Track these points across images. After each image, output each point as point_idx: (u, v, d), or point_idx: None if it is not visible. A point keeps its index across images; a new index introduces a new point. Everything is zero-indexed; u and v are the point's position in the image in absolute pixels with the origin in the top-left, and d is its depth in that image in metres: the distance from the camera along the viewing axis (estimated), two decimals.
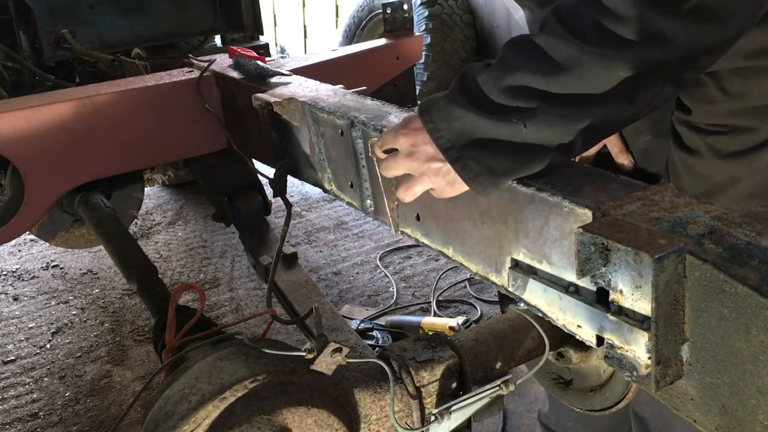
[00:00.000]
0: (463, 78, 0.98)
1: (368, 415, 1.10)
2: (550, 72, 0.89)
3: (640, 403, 1.75)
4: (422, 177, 1.04)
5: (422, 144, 1.01)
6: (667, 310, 0.79)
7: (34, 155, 1.84)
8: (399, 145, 1.05)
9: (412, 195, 1.07)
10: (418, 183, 1.05)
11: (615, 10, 0.86)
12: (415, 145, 1.02)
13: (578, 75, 0.88)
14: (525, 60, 0.92)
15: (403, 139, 1.03)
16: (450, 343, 1.19)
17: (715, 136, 1.21)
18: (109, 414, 2.50)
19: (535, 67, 0.90)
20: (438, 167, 1.00)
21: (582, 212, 0.90)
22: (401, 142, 1.04)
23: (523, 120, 0.91)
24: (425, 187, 1.05)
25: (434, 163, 1.00)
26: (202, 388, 0.99)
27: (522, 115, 0.91)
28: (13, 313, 3.20)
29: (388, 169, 1.08)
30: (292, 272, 1.91)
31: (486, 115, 0.93)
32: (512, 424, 2.35)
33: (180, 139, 2.04)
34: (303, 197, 4.28)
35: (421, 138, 1.01)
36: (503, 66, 0.94)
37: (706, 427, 0.84)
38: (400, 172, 1.07)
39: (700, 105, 1.21)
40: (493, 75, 0.94)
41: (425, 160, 1.01)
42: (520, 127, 0.91)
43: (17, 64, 2.79)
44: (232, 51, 2.08)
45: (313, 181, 1.63)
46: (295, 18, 7.66)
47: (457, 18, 5.48)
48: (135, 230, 3.94)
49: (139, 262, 1.99)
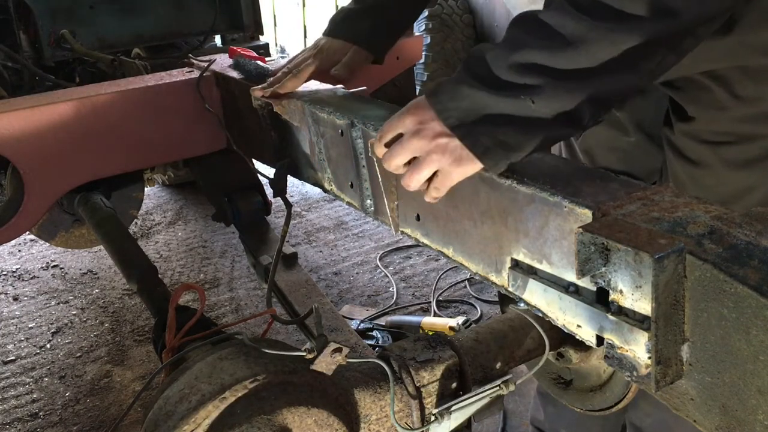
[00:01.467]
0: (470, 58, 0.98)
1: (368, 415, 1.10)
2: (557, 48, 0.89)
3: (638, 414, 1.74)
4: (429, 156, 1.00)
5: (429, 121, 0.99)
6: (667, 310, 0.79)
7: (34, 155, 1.84)
8: (404, 126, 1.02)
9: (418, 180, 1.03)
10: (425, 164, 1.01)
11: None
12: (422, 123, 1.00)
13: (585, 50, 0.87)
14: (531, 37, 0.91)
15: (409, 119, 1.01)
16: (450, 343, 1.19)
17: (725, 146, 1.17)
18: (109, 414, 2.50)
19: (542, 44, 0.90)
20: (445, 143, 0.98)
21: (582, 212, 0.90)
22: (407, 122, 1.02)
23: (531, 96, 0.91)
24: (432, 168, 1.02)
25: (442, 139, 0.98)
26: (202, 388, 0.99)
27: (530, 91, 0.91)
28: (13, 313, 3.20)
29: (392, 156, 1.04)
30: (292, 272, 1.91)
31: (494, 92, 0.93)
32: (512, 424, 2.35)
33: (180, 139, 2.04)
34: (303, 197, 4.28)
35: (428, 115, 0.99)
36: (511, 44, 0.94)
37: (706, 427, 0.84)
38: (406, 155, 1.03)
39: (707, 112, 1.18)
40: (500, 53, 0.94)
41: (432, 137, 0.99)
42: (528, 102, 0.91)
43: (17, 64, 2.79)
44: (232, 51, 2.08)
45: (313, 181, 1.63)
46: (295, 18, 7.65)
47: (457, 18, 5.48)
48: (135, 230, 3.94)
49: (139, 262, 1.99)
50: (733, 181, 1.19)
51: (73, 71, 3.10)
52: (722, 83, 1.14)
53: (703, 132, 1.21)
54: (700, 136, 1.21)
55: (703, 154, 1.21)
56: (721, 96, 1.15)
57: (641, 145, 1.50)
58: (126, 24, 3.16)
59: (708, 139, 1.20)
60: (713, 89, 1.15)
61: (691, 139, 1.23)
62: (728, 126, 1.17)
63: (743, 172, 1.18)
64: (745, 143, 1.16)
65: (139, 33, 3.20)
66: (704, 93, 1.17)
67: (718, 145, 1.18)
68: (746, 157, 1.17)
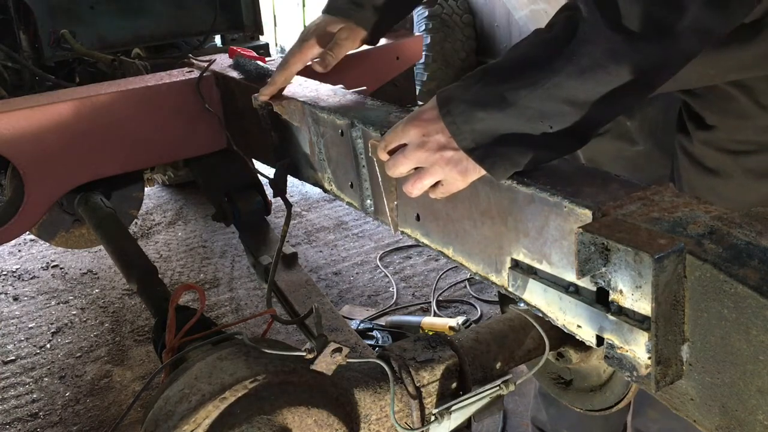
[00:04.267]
0: (485, 77, 0.95)
1: (368, 415, 1.10)
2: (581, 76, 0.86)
3: (644, 420, 1.73)
4: (433, 167, 1.00)
5: (434, 133, 0.98)
6: (667, 310, 0.79)
7: (34, 155, 1.84)
8: (409, 137, 1.02)
9: (420, 188, 1.03)
10: (428, 174, 1.01)
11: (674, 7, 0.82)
12: (426, 135, 0.99)
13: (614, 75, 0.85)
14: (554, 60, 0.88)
15: (414, 130, 1.01)
16: (450, 343, 1.19)
17: (747, 155, 1.15)
18: (109, 414, 2.50)
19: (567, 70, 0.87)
20: (450, 156, 0.98)
21: (582, 212, 0.90)
22: (412, 133, 1.01)
23: (550, 123, 0.90)
24: (435, 178, 1.02)
25: (447, 152, 0.98)
26: (202, 388, 0.99)
27: (550, 119, 0.90)
28: (13, 313, 3.20)
29: (396, 165, 1.04)
30: (292, 272, 1.91)
31: (511, 116, 0.91)
32: (512, 424, 2.35)
33: (180, 139, 2.04)
34: (303, 197, 4.28)
35: (433, 127, 0.98)
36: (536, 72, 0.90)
37: (706, 427, 0.84)
38: (410, 165, 1.03)
39: (729, 121, 1.16)
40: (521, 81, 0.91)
41: (437, 149, 0.98)
42: (546, 127, 0.90)
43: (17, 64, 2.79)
44: (232, 51, 2.08)
45: (313, 181, 1.63)
46: (295, 18, 7.65)
47: (457, 18, 5.48)
48: (135, 230, 3.94)
49: (139, 262, 1.99)
50: (754, 190, 1.17)
51: (73, 71, 3.10)
52: (747, 92, 1.12)
53: (724, 141, 1.18)
54: (720, 144, 1.19)
55: (723, 163, 1.19)
56: (745, 105, 1.13)
57: (649, 153, 1.48)
58: (126, 24, 3.16)
59: (729, 148, 1.18)
60: (737, 98, 1.13)
61: (711, 148, 1.20)
62: (751, 135, 1.15)
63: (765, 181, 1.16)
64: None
65: (139, 33, 3.20)
66: (727, 102, 1.15)
67: (740, 154, 1.16)
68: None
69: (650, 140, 1.48)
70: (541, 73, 0.89)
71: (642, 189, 0.93)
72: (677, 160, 1.33)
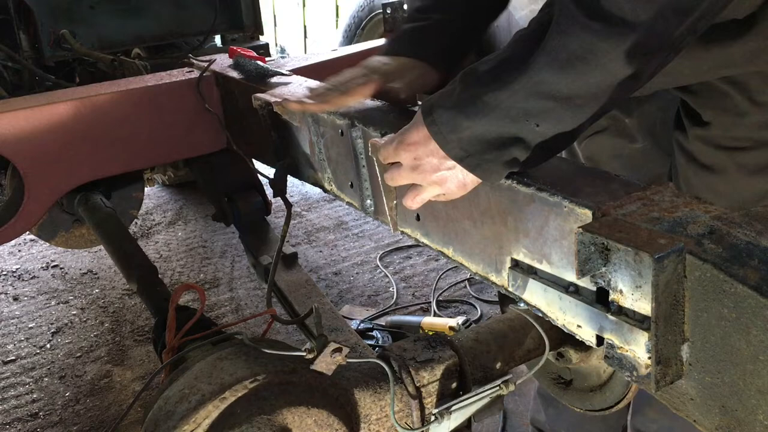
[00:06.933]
0: (466, 85, 0.94)
1: (368, 415, 1.10)
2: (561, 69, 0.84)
3: (643, 420, 1.73)
4: (431, 186, 1.02)
5: (425, 156, 0.98)
6: (667, 310, 0.79)
7: (34, 155, 1.84)
8: (401, 160, 1.02)
9: (420, 202, 1.05)
10: (426, 192, 1.03)
11: None
12: (417, 159, 0.99)
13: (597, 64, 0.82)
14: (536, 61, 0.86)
15: (405, 154, 1.01)
16: (450, 343, 1.19)
17: (742, 151, 1.15)
18: (109, 414, 2.50)
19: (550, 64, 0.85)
20: (446, 176, 0.98)
21: (582, 212, 0.90)
22: (403, 157, 1.01)
23: (536, 122, 0.89)
24: (434, 194, 1.03)
25: (441, 173, 0.98)
26: (202, 388, 0.99)
27: (535, 117, 0.88)
28: (13, 313, 3.20)
29: (393, 180, 1.06)
30: (292, 272, 1.91)
31: (495, 119, 0.90)
32: (512, 424, 2.35)
33: (180, 139, 2.04)
34: (303, 197, 4.28)
35: (422, 151, 0.98)
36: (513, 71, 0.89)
37: (706, 427, 0.84)
38: (406, 182, 1.04)
39: (724, 117, 1.16)
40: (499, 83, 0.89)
41: (431, 171, 0.99)
42: (532, 126, 0.89)
43: (17, 64, 2.79)
44: (232, 51, 2.08)
45: (313, 181, 1.63)
46: (295, 18, 7.65)
47: None
48: (135, 230, 3.94)
49: (139, 262, 1.99)
50: (749, 186, 1.17)
51: (73, 71, 3.11)
52: (741, 89, 1.12)
53: (720, 137, 1.18)
54: (715, 141, 1.19)
55: (718, 160, 1.19)
56: (740, 101, 1.13)
57: (648, 151, 1.48)
58: (126, 24, 3.16)
59: (724, 144, 1.18)
60: (732, 95, 1.13)
61: (706, 145, 1.20)
62: (746, 132, 1.15)
63: (760, 177, 1.16)
64: (763, 149, 1.14)
65: (139, 33, 3.21)
66: (722, 98, 1.15)
67: (735, 150, 1.16)
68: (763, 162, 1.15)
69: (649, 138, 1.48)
70: (519, 71, 0.87)
71: (642, 189, 0.93)
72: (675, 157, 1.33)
